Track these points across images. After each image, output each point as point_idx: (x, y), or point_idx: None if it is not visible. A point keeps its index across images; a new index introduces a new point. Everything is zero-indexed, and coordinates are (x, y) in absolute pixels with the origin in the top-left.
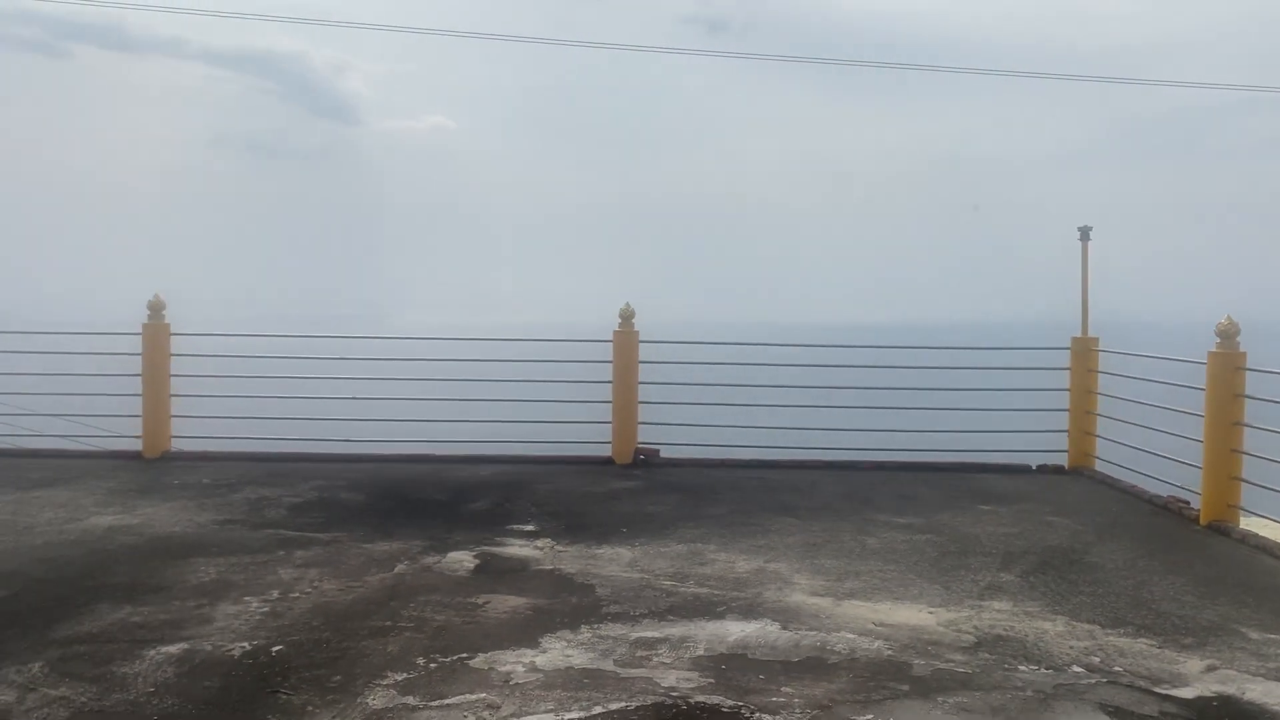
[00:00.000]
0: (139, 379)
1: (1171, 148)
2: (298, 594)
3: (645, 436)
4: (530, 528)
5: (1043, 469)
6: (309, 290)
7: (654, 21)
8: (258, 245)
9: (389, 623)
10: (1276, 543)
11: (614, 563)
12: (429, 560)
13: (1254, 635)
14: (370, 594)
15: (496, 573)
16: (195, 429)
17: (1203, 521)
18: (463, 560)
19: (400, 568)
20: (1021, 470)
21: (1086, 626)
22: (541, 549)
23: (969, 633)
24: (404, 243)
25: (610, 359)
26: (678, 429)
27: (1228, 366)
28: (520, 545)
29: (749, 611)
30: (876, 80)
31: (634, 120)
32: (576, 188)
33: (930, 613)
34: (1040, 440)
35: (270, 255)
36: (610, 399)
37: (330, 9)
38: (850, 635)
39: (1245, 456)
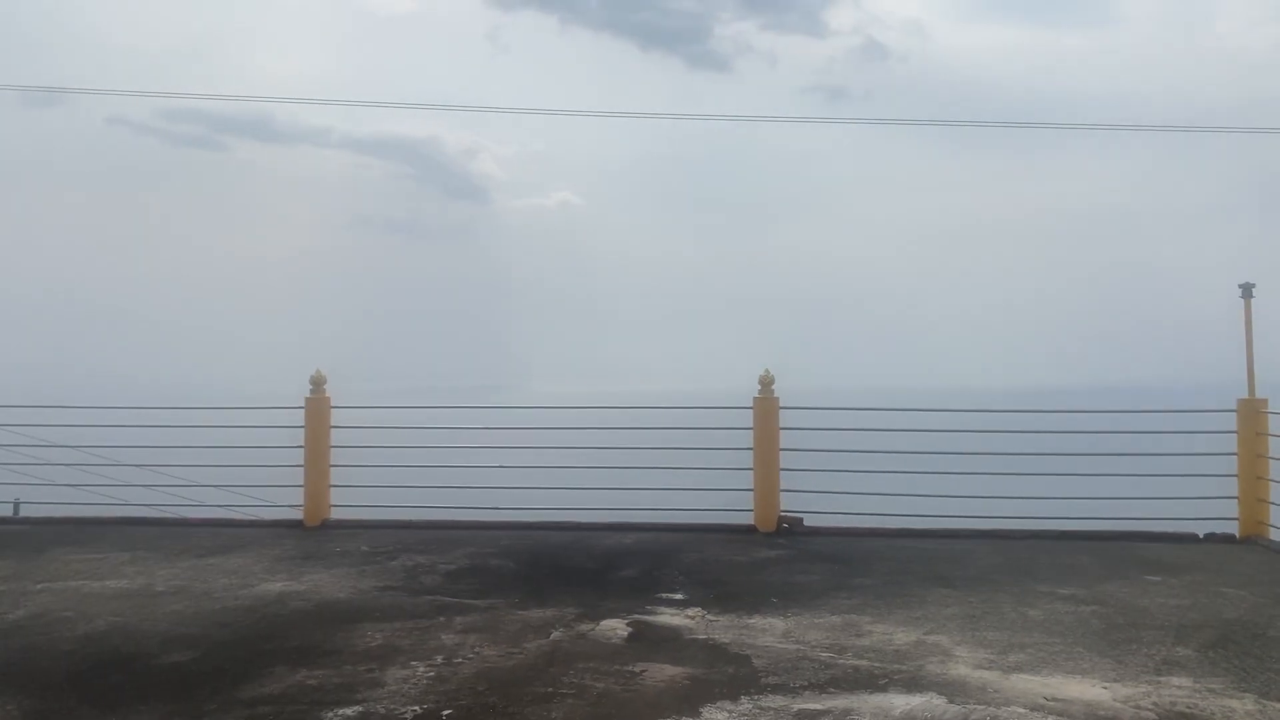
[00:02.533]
0: (297, 450)
1: None
2: (461, 659)
3: (787, 504)
4: (680, 596)
5: (1211, 537)
6: (448, 364)
7: (774, 94)
8: (398, 322)
9: (550, 689)
10: None
11: (767, 633)
12: (583, 628)
13: None
14: (530, 660)
15: (651, 641)
16: (350, 498)
17: None
18: (616, 628)
19: (556, 634)
20: (1188, 539)
21: (1277, 705)
22: (693, 618)
23: (1149, 710)
24: (535, 316)
25: (750, 426)
26: (820, 496)
27: None
28: (671, 614)
29: (912, 685)
30: (1005, 139)
31: (756, 189)
32: (701, 258)
33: (1105, 688)
34: (1208, 508)
35: (409, 331)
36: (751, 466)
37: (458, 95)
38: (1021, 710)
39: None
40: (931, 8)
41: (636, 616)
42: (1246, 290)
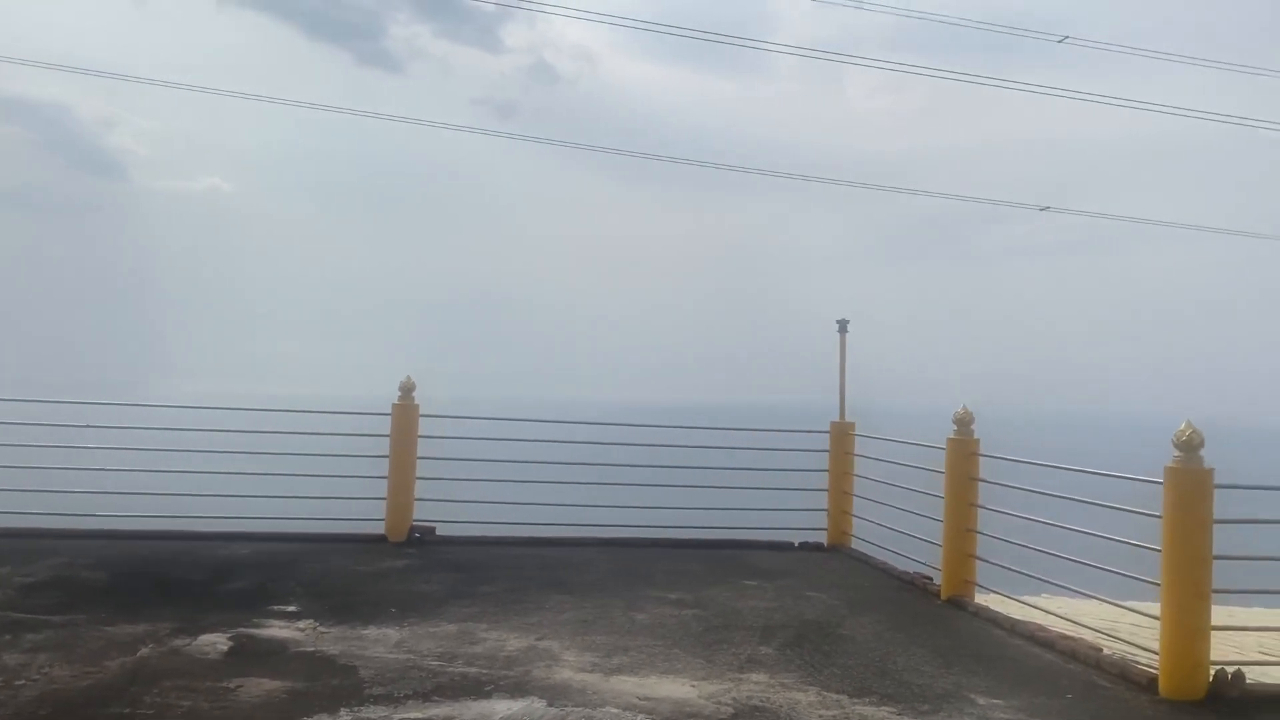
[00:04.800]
0: None
1: (919, 251)
2: (24, 681)
3: (423, 514)
4: (292, 608)
5: (804, 546)
6: (57, 353)
7: (446, 101)
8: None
9: (128, 710)
10: (1005, 616)
11: (380, 643)
12: (178, 643)
13: (981, 701)
14: (109, 680)
15: (252, 655)
16: None
17: (943, 596)
18: (215, 642)
19: (144, 651)
20: (785, 547)
21: (836, 696)
22: (303, 630)
23: (728, 704)
24: (178, 309)
25: (389, 433)
26: (457, 506)
27: (963, 452)
28: (280, 626)
29: (516, 689)
30: (665, 171)
31: (421, 195)
32: (362, 259)
33: (693, 686)
34: (805, 519)
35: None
36: (386, 474)
37: (96, 59)
38: (615, 710)
39: (980, 536)
40: (601, 38)
41: (241, 630)
42: (842, 325)
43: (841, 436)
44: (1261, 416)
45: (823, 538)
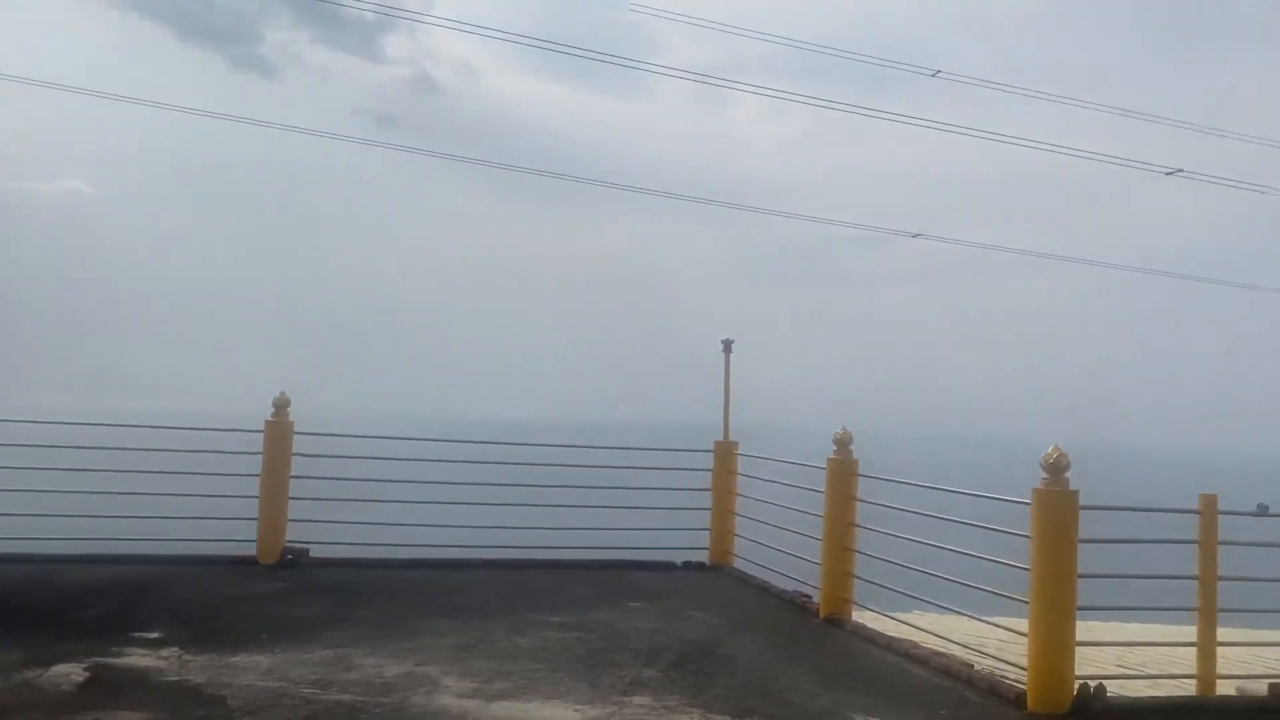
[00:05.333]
0: None
1: (799, 274)
2: None
3: (296, 535)
4: (155, 635)
5: (688, 565)
6: None
7: (325, 110)
8: None
9: None
10: (881, 634)
11: (250, 671)
12: (28, 675)
13: (858, 718)
14: None
15: (111, 686)
16: None
17: (822, 614)
18: (70, 674)
19: None
20: (669, 567)
21: (719, 718)
22: (167, 658)
23: None
24: (32, 319)
25: (260, 450)
26: (332, 527)
27: (843, 472)
28: (142, 655)
29: (394, 717)
30: (548, 186)
31: (297, 205)
32: (234, 269)
33: (576, 710)
34: (690, 538)
35: None
36: (258, 494)
37: None
38: None
39: (858, 554)
40: (483, 52)
41: (98, 660)
42: (727, 346)
43: (725, 456)
44: (1116, 436)
45: (705, 557)
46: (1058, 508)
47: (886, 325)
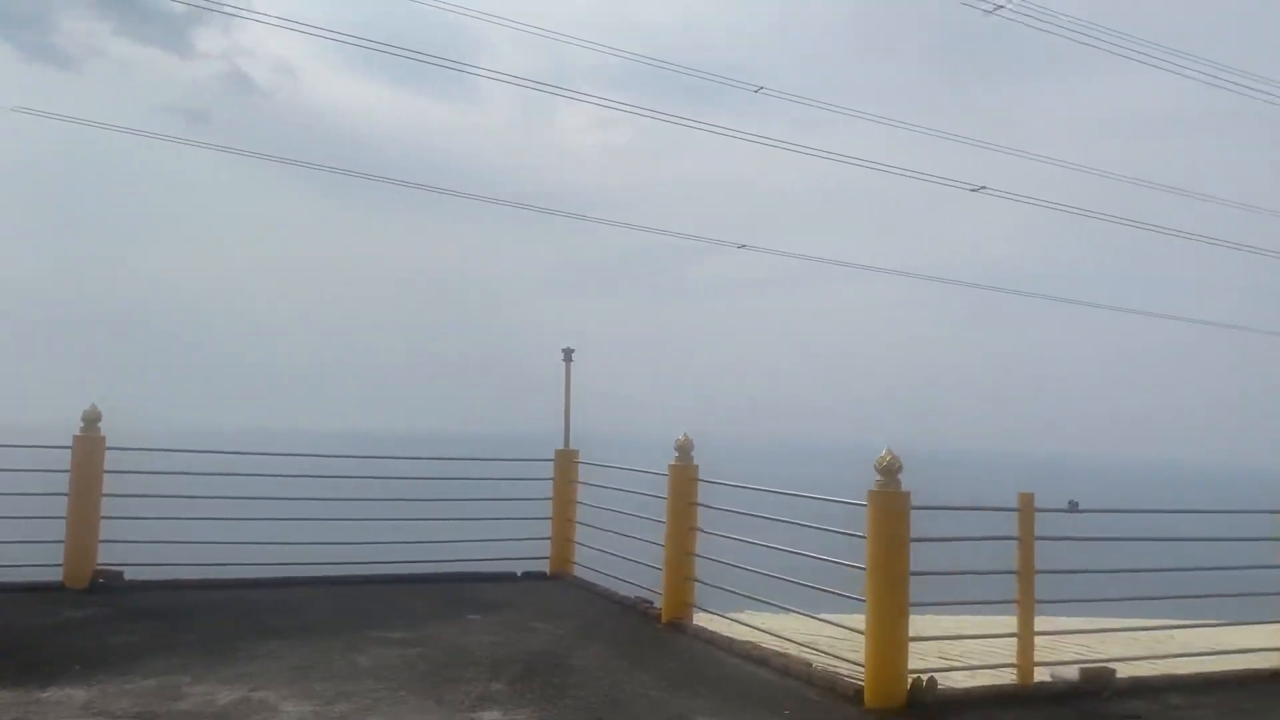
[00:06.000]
0: None
1: (633, 283)
2: None
3: (109, 557)
4: None
5: (528, 576)
6: None
7: (128, 106)
8: None
9: None
10: (724, 636)
11: (63, 706)
12: None
13: None
14: None
15: None
16: None
17: (664, 620)
18: None
19: None
20: (508, 578)
21: None
22: None
23: None
24: None
25: (69, 468)
26: (150, 547)
27: (684, 477)
28: None
29: None
30: (374, 192)
31: (100, 204)
32: (37, 273)
33: None
34: (530, 548)
35: None
36: (64, 514)
37: None
38: None
39: (699, 559)
40: (303, 51)
41: None
42: (567, 354)
43: (565, 465)
44: (939, 440)
45: (546, 567)
46: (891, 508)
47: (719, 334)
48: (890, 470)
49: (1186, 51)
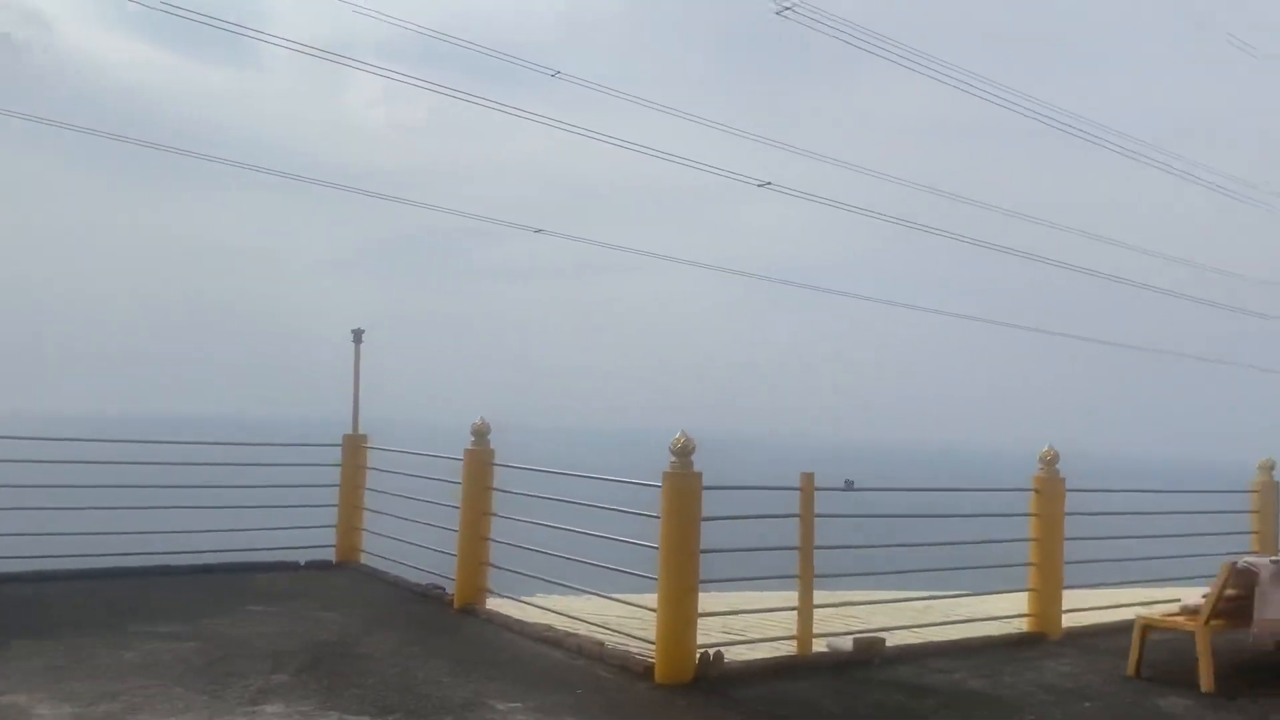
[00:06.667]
0: None
1: (426, 265)
2: None
3: None
4: None
5: (312, 564)
6: None
7: None
8: None
9: None
10: (517, 620)
11: None
12: None
13: (500, 706)
14: None
15: None
16: None
17: (457, 605)
18: None
19: None
20: (292, 567)
21: (357, 718)
22: None
23: None
24: None
25: None
26: None
27: (480, 462)
28: None
29: None
30: (141, 161)
31: None
32: None
33: None
34: (314, 536)
35: None
36: None
37: None
38: None
39: (495, 543)
40: (61, 3)
41: None
42: (357, 336)
43: (354, 450)
44: (731, 424)
45: (332, 555)
46: (684, 489)
47: (518, 320)
48: (684, 452)
49: (950, 61)
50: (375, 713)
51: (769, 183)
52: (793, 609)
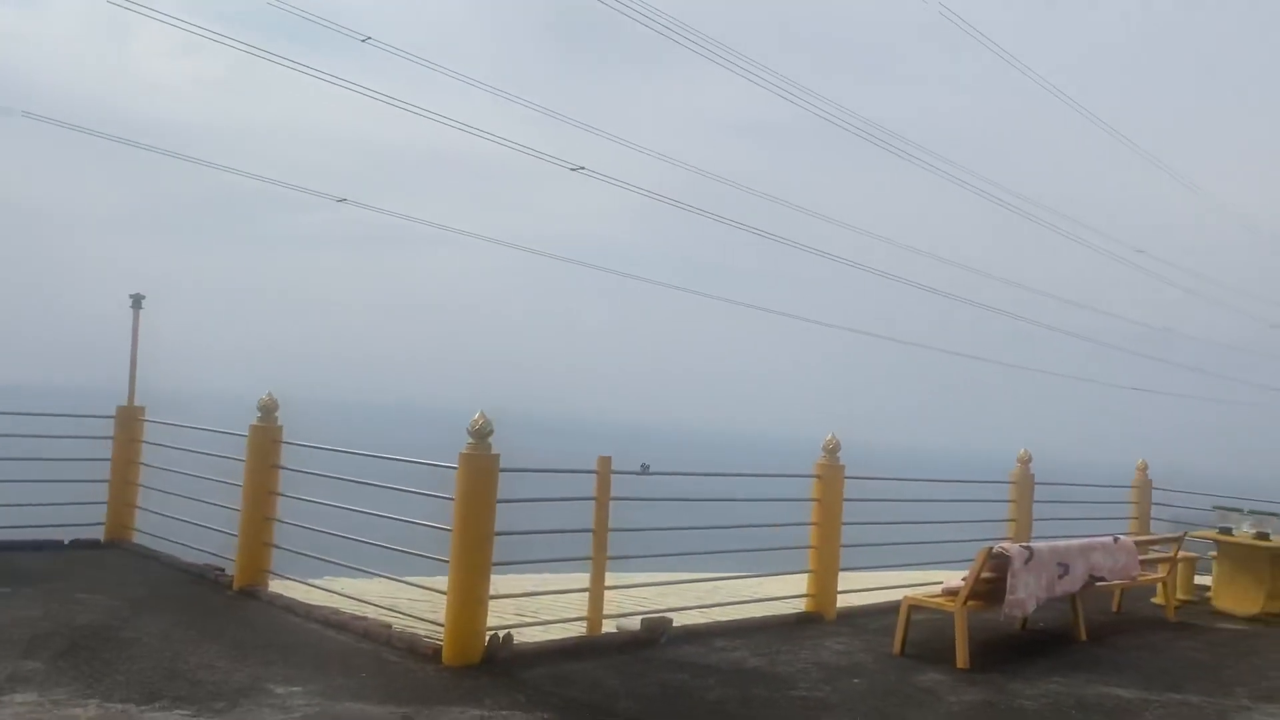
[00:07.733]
0: None
1: (217, 229)
2: None
3: None
4: None
5: (77, 543)
6: None
7: None
8: None
9: None
10: (301, 603)
11: None
12: None
13: (279, 690)
14: None
15: None
16: None
17: (237, 587)
18: None
19: None
20: (53, 546)
21: (120, 706)
22: None
23: None
24: None
25: None
26: None
27: (265, 439)
28: None
29: None
30: None
31: None
32: None
33: None
34: (81, 513)
35: None
36: None
37: None
38: None
39: (281, 523)
40: None
41: None
42: (136, 301)
43: (129, 422)
44: (525, 406)
45: (99, 533)
46: (481, 470)
47: (309, 290)
48: (481, 434)
49: (769, 64)
50: (140, 699)
51: (582, 167)
52: (585, 591)
